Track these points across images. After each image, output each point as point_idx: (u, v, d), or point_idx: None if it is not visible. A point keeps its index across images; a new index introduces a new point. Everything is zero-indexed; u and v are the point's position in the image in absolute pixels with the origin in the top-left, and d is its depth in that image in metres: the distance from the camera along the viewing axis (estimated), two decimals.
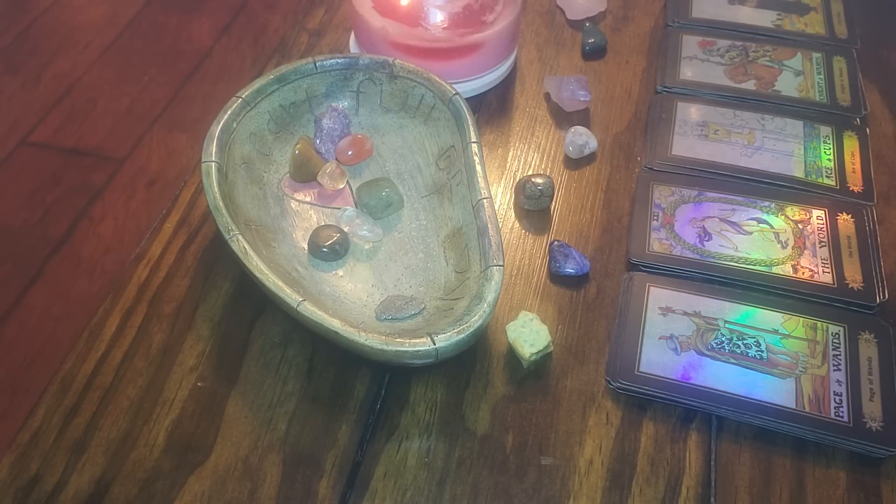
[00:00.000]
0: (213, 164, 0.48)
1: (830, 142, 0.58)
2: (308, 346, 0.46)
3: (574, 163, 0.57)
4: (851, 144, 0.58)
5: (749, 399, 0.43)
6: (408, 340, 0.40)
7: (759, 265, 0.50)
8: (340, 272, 0.48)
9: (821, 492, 0.41)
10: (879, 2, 0.71)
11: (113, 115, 1.59)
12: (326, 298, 0.46)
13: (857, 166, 0.56)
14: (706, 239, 0.51)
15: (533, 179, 0.53)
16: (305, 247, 0.49)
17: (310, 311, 0.42)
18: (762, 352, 0.45)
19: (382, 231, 0.50)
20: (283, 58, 0.65)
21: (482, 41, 0.59)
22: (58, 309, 1.27)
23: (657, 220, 0.52)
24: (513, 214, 0.54)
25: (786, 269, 0.49)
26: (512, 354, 0.46)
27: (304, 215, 0.51)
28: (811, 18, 0.68)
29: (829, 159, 0.57)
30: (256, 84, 0.53)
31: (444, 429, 0.43)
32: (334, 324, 0.41)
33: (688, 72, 0.63)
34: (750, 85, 0.62)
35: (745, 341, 0.46)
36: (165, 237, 0.52)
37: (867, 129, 0.59)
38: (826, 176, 0.55)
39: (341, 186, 0.53)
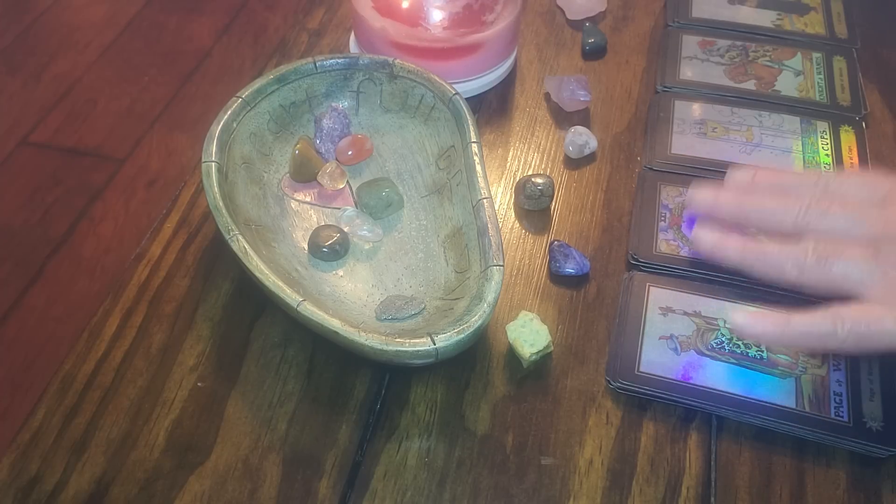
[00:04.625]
0: (213, 164, 0.48)
1: (827, 136, 0.58)
2: (308, 346, 0.46)
3: (574, 163, 0.57)
4: (848, 139, 0.58)
5: (749, 399, 0.43)
6: (408, 340, 0.40)
7: None
8: (340, 272, 0.48)
9: (821, 492, 0.41)
10: (879, 2, 0.71)
11: (113, 115, 1.59)
12: (326, 298, 0.46)
13: (855, 160, 0.56)
14: None
15: (533, 179, 0.53)
16: (305, 247, 0.49)
17: (310, 311, 0.42)
18: (762, 351, 0.45)
19: (382, 231, 0.50)
20: (283, 58, 0.65)
21: (482, 41, 0.59)
22: (58, 309, 1.27)
23: (665, 220, 0.52)
24: (513, 214, 0.54)
25: None
26: (512, 354, 0.46)
27: (304, 215, 0.51)
28: (811, 18, 0.68)
29: (826, 154, 0.56)
30: (256, 84, 0.53)
31: (444, 429, 0.43)
32: (334, 324, 0.41)
33: (688, 72, 0.63)
34: (750, 85, 0.62)
35: (745, 341, 0.46)
36: (165, 237, 0.52)
37: (864, 124, 0.59)
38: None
39: (341, 186, 0.53)
